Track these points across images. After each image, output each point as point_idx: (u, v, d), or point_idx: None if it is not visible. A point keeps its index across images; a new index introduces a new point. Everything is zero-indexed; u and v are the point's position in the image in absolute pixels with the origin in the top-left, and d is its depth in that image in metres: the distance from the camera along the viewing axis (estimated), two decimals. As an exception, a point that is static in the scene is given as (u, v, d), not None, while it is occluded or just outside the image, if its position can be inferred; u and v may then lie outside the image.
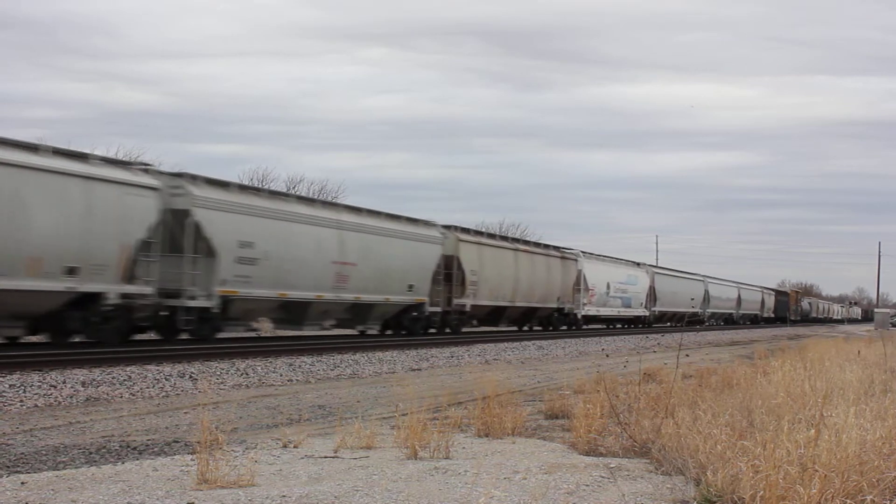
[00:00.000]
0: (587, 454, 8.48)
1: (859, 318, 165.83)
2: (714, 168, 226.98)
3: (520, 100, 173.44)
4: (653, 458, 7.94)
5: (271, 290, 25.08)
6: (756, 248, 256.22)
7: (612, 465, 7.76)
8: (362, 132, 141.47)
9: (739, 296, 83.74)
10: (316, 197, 31.67)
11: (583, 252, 49.74)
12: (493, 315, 39.56)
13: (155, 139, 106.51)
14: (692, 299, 65.98)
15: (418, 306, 32.30)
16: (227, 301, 23.43)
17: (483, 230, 44.84)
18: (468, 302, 35.41)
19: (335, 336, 30.59)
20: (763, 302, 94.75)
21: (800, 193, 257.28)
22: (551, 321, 45.21)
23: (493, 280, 37.79)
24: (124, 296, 20.32)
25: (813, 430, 6.91)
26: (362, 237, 29.03)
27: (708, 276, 72.45)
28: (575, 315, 47.10)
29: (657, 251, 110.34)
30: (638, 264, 59.74)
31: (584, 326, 49.05)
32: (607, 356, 26.64)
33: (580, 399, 11.24)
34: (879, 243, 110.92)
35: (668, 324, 64.44)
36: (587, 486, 7.00)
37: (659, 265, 70.30)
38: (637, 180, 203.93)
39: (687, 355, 25.81)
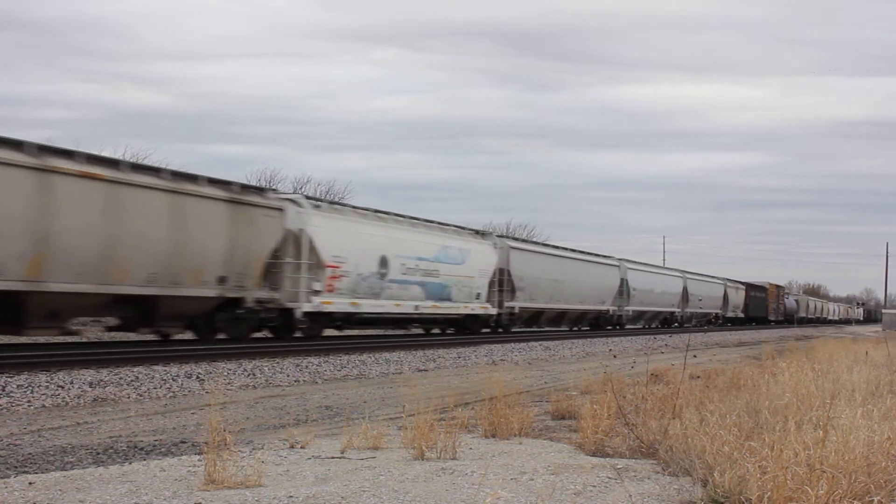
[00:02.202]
0: (594, 455, 8.47)
1: (861, 318, 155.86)
2: (723, 168, 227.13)
3: (529, 101, 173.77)
4: (660, 458, 7.93)
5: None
6: (764, 249, 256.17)
7: (619, 466, 7.75)
8: (371, 133, 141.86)
9: (686, 289, 65.33)
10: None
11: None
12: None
13: (164, 140, 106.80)
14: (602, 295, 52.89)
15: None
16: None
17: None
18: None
19: (342, 337, 30.64)
20: (726, 298, 75.87)
21: (809, 194, 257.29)
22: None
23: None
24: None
25: (821, 431, 6.90)
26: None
27: (625, 259, 56.69)
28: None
29: (664, 252, 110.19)
30: (480, 233, 39.32)
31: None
32: (614, 357, 26.64)
33: (587, 400, 11.23)
34: (887, 244, 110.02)
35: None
36: (594, 486, 7.00)
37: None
38: (646, 181, 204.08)
39: (694, 356, 25.79)
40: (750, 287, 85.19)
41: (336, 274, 27.37)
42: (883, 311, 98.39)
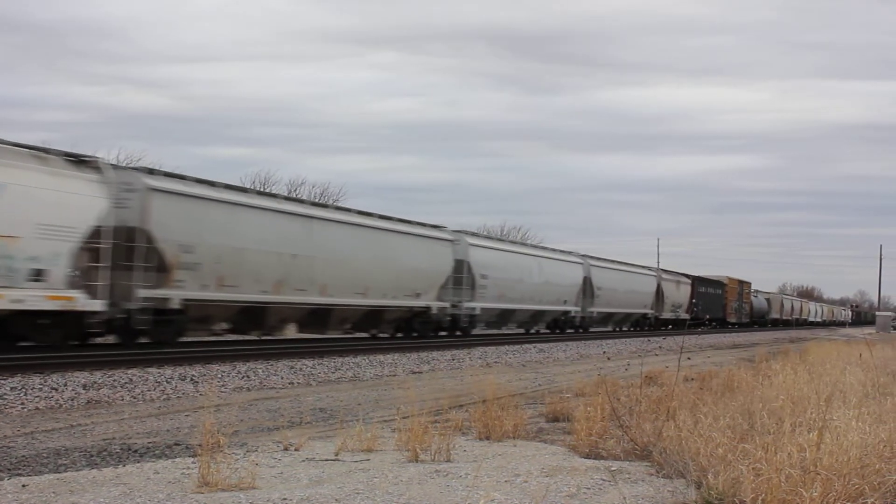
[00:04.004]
0: (588, 457, 8.48)
1: (849, 321, 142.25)
2: (721, 171, 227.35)
3: (528, 103, 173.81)
4: (654, 461, 7.93)
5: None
6: (760, 251, 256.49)
7: (613, 468, 7.75)
8: (371, 135, 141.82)
9: (589, 278, 49.18)
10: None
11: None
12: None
13: (163, 142, 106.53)
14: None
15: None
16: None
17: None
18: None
19: (336, 339, 30.67)
20: (660, 294, 60.72)
21: (804, 196, 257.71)
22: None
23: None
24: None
25: (815, 433, 6.91)
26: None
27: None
28: None
29: (658, 254, 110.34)
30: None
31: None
32: (609, 359, 26.64)
33: (581, 402, 11.24)
34: (881, 246, 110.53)
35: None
36: (588, 489, 7.00)
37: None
38: (644, 183, 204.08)
39: (689, 358, 25.80)
40: (699, 281, 70.68)
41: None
42: (876, 313, 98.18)
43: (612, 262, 54.71)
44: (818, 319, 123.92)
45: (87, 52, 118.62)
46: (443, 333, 35.46)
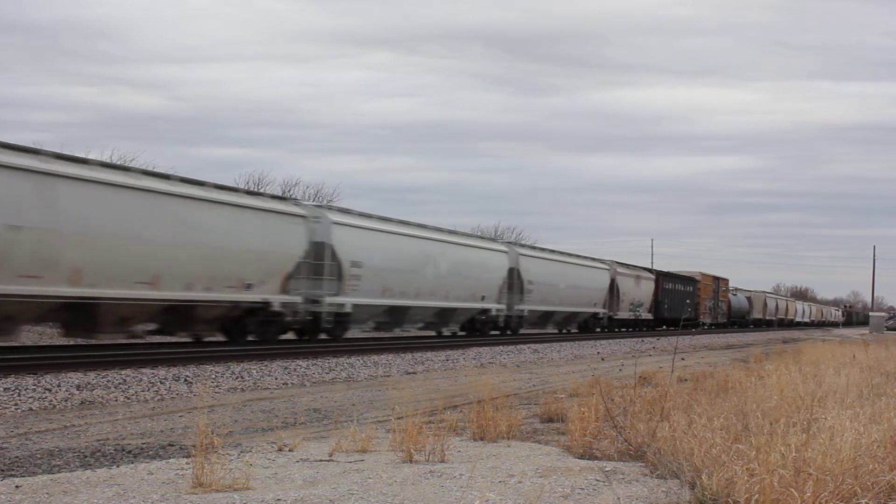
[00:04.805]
0: (582, 458, 8.48)
1: (839, 321, 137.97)
2: (715, 172, 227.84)
3: (523, 104, 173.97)
4: (648, 461, 7.94)
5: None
6: (754, 252, 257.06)
7: (607, 469, 7.76)
8: (366, 136, 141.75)
9: (516, 270, 41.17)
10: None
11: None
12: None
13: (157, 142, 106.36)
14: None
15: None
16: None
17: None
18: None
19: (330, 340, 30.52)
20: (615, 291, 52.73)
21: (798, 197, 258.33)
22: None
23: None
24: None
25: (805, 434, 6.92)
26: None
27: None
28: None
29: (652, 254, 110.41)
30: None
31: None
32: (603, 360, 26.68)
33: (575, 402, 11.25)
34: (874, 247, 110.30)
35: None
36: (582, 489, 7.01)
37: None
38: (639, 184, 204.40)
39: (682, 359, 25.84)
40: (665, 277, 63.48)
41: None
42: (870, 313, 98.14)
43: (550, 251, 47.55)
44: (806, 320, 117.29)
45: (81, 52, 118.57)
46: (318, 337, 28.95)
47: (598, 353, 31.27)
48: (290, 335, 28.44)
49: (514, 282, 40.64)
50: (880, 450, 7.04)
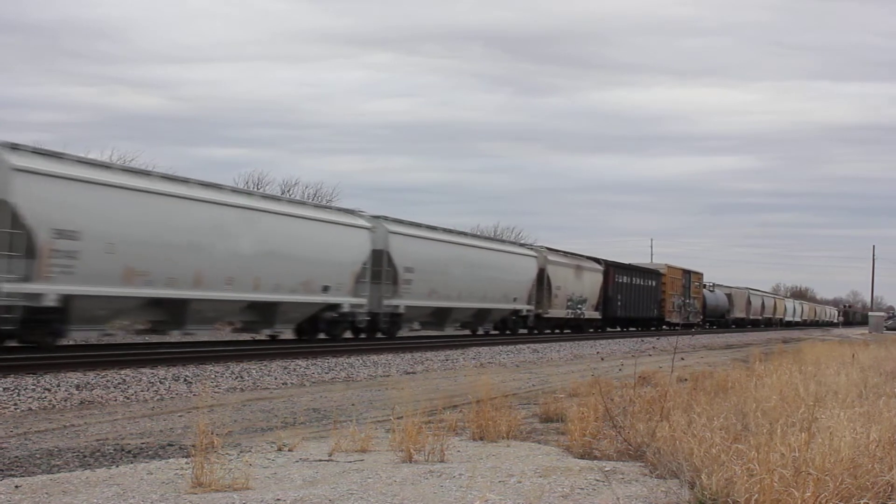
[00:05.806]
0: (582, 457, 8.48)
1: (836, 321, 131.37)
2: (714, 172, 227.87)
3: (523, 104, 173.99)
4: (647, 461, 7.94)
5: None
6: (754, 252, 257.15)
7: (606, 469, 7.76)
8: (366, 136, 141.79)
9: (385, 253, 30.87)
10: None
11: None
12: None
13: (157, 142, 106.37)
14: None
15: None
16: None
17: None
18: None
19: (329, 340, 30.56)
20: (545, 283, 43.28)
21: (798, 197, 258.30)
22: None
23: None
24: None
25: (805, 434, 6.92)
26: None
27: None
28: None
29: (652, 255, 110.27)
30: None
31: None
32: (602, 359, 26.67)
33: (575, 402, 11.25)
34: (874, 247, 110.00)
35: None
36: (582, 489, 7.01)
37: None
38: (638, 184, 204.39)
39: (682, 358, 25.85)
40: (618, 268, 53.88)
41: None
42: (869, 313, 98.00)
43: (443, 231, 36.46)
44: (797, 319, 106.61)
45: (81, 52, 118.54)
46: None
47: (598, 352, 31.28)
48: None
49: (381, 270, 30.38)
50: (879, 450, 7.04)
